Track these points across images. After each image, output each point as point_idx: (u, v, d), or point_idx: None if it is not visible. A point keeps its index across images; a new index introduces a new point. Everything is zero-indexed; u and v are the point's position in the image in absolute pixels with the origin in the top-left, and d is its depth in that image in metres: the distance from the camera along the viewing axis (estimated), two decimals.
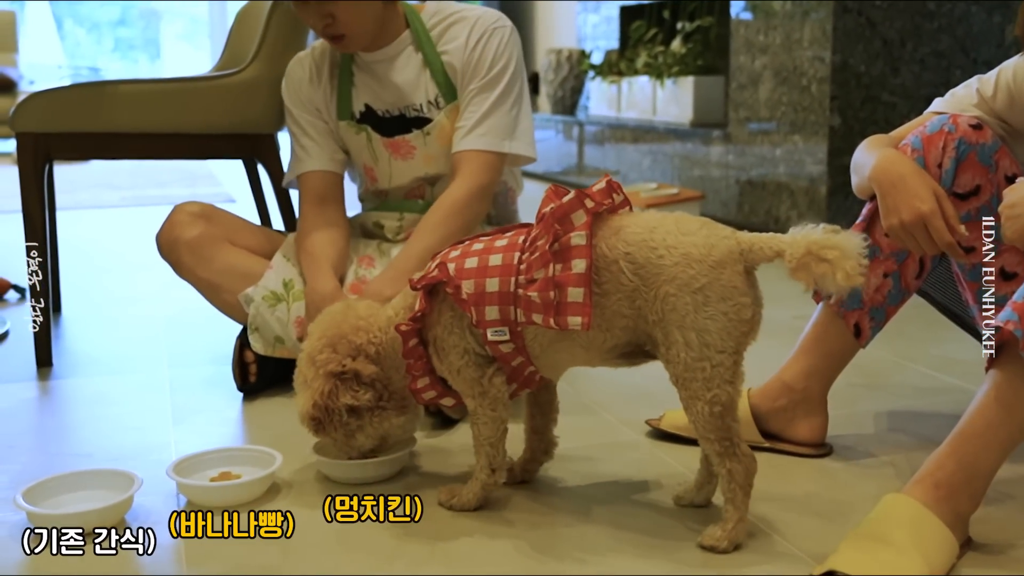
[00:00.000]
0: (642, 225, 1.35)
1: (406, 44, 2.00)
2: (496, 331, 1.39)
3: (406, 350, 1.45)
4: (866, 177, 1.56)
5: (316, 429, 1.49)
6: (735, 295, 1.31)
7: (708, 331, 1.30)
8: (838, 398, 1.74)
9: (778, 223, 3.62)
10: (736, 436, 1.34)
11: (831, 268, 1.26)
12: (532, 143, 2.02)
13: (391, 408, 1.51)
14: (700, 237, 1.32)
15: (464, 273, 1.40)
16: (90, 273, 3.28)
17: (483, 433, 1.46)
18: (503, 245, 1.42)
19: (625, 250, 1.33)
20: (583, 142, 5.28)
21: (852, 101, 3.35)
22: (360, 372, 1.46)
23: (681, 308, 1.30)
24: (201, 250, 1.99)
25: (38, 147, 2.21)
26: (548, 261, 1.34)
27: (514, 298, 1.37)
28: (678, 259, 1.31)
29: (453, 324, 1.43)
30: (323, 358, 1.47)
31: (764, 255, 1.32)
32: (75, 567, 1.33)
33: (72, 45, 11.39)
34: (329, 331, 1.49)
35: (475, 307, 1.39)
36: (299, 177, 2.04)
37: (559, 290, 1.33)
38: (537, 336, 1.40)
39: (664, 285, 1.31)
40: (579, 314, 1.32)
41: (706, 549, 1.35)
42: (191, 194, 4.84)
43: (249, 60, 2.24)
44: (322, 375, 1.46)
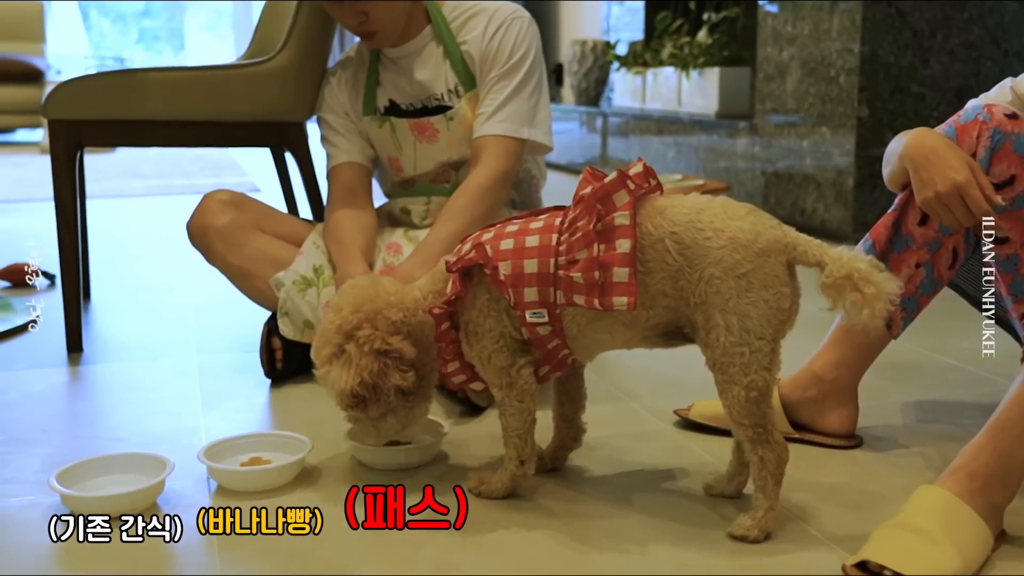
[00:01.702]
0: (688, 206, 1.35)
1: (428, 38, 2.05)
2: (535, 313, 1.38)
3: (439, 333, 1.44)
4: (898, 156, 1.55)
5: (355, 406, 1.44)
6: (777, 284, 1.31)
7: (749, 316, 1.30)
8: (867, 390, 1.73)
9: (804, 215, 3.60)
10: (770, 423, 1.34)
11: (863, 301, 1.26)
12: (550, 132, 2.06)
13: (420, 393, 1.49)
14: (747, 223, 1.32)
15: (500, 255, 1.39)
16: (118, 260, 3.31)
17: (511, 425, 1.45)
18: (539, 227, 1.41)
19: (672, 229, 1.33)
20: (607, 133, 5.27)
21: (880, 92, 3.32)
22: (404, 352, 1.43)
23: (725, 292, 1.30)
24: (232, 237, 2.00)
25: (70, 134, 2.22)
26: (592, 241, 1.33)
27: (554, 279, 1.37)
28: (725, 242, 1.30)
29: (489, 307, 1.41)
30: (366, 334, 1.41)
31: (805, 259, 1.32)
32: (103, 553, 1.33)
33: (97, 36, 11.47)
34: (364, 305, 1.44)
35: (513, 288, 1.38)
36: (330, 172, 2.08)
37: (603, 270, 1.32)
38: (575, 317, 1.39)
39: (709, 267, 1.30)
40: (624, 294, 1.32)
41: (736, 539, 1.34)
42: (216, 183, 4.86)
43: (278, 48, 2.24)
44: (369, 352, 1.41)
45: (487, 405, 1.86)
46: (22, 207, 4.47)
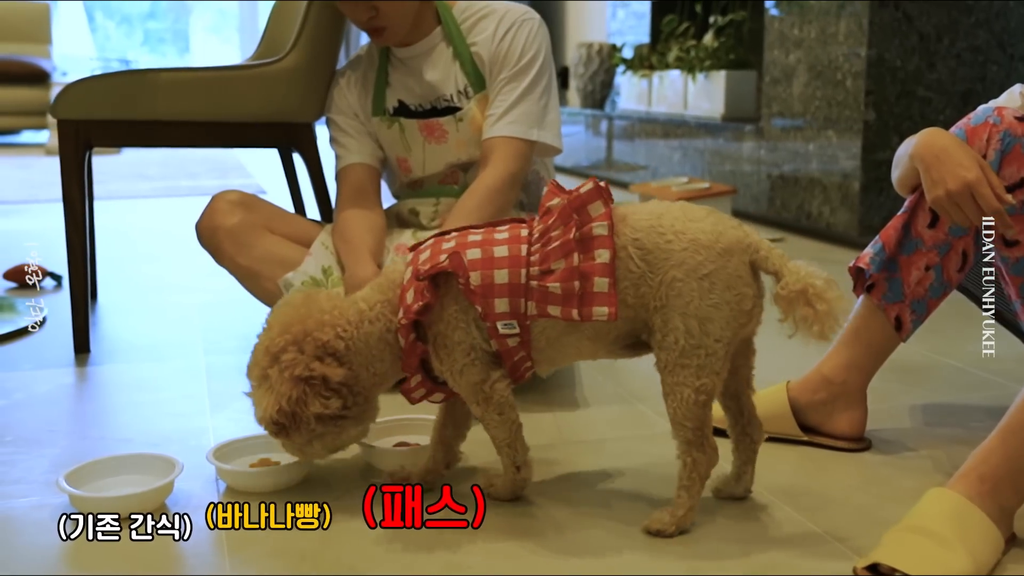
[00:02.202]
0: (648, 212, 1.35)
1: (438, 39, 2.05)
2: (506, 324, 1.36)
3: (407, 346, 1.39)
4: (907, 156, 1.55)
5: (278, 434, 1.41)
6: (739, 284, 1.31)
7: (710, 319, 1.30)
8: (875, 393, 1.73)
9: (810, 219, 3.60)
10: (708, 427, 1.34)
11: (814, 317, 1.28)
12: (559, 135, 2.06)
13: (351, 417, 1.42)
14: (708, 224, 1.32)
15: (469, 264, 1.36)
16: (125, 261, 3.31)
17: (498, 436, 1.43)
18: (505, 237, 1.38)
19: (633, 236, 1.33)
20: (612, 136, 5.27)
21: (887, 96, 3.32)
22: (328, 377, 1.37)
23: (687, 294, 1.30)
24: (241, 238, 2.01)
25: (79, 134, 2.22)
26: (571, 250, 1.32)
27: (525, 290, 1.34)
28: (686, 244, 1.30)
29: (458, 319, 1.37)
30: (289, 359, 1.37)
31: (765, 265, 1.33)
32: (113, 553, 1.33)
33: (102, 38, 11.50)
34: (293, 326, 1.39)
35: (483, 299, 1.35)
36: (339, 172, 2.08)
37: (583, 280, 1.31)
38: (545, 329, 1.37)
39: (671, 270, 1.30)
40: (605, 304, 1.31)
41: (652, 534, 1.35)
42: (222, 184, 4.87)
43: (288, 49, 2.24)
44: (288, 379, 1.36)
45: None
46: (28, 208, 4.48)
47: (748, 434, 1.46)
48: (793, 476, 1.59)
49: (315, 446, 1.44)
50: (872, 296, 1.67)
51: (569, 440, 1.75)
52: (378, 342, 1.41)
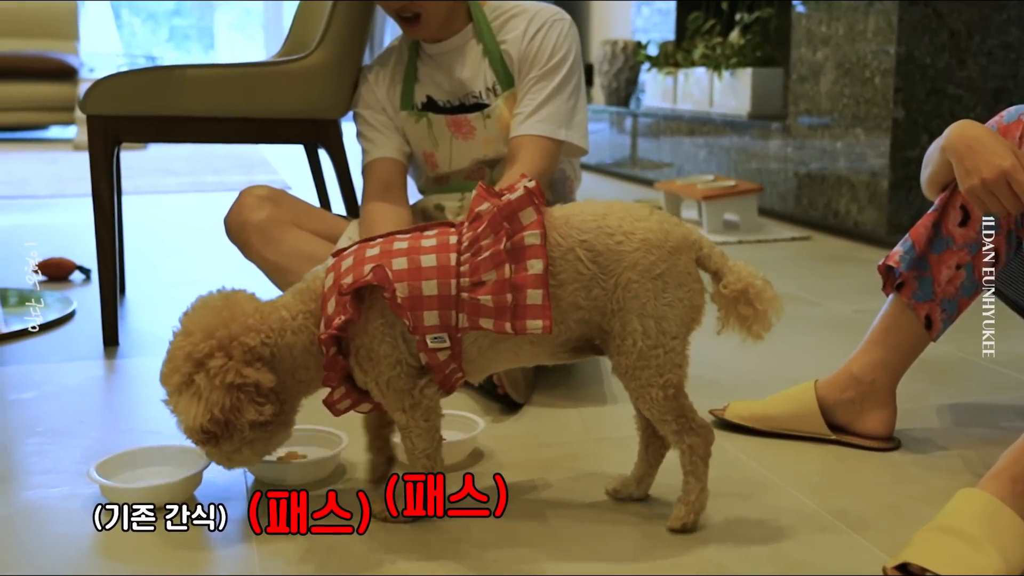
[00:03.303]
0: (591, 212, 1.32)
1: (469, 36, 2.06)
2: (436, 338, 1.30)
3: (328, 360, 1.33)
4: (939, 149, 1.54)
5: (207, 441, 1.34)
6: (690, 281, 1.31)
7: (666, 318, 1.29)
8: (904, 393, 1.71)
9: (837, 217, 3.57)
10: (690, 411, 1.34)
11: (753, 316, 1.30)
12: (586, 136, 2.06)
13: (279, 422, 1.38)
14: (654, 223, 1.31)
15: (395, 275, 1.30)
16: (152, 256, 3.33)
17: (418, 446, 1.37)
18: (432, 245, 1.33)
19: (581, 237, 1.29)
20: (636, 134, 5.26)
21: (917, 94, 3.29)
22: (261, 383, 1.32)
23: (643, 295, 1.28)
24: (268, 232, 2.02)
25: (108, 130, 2.24)
26: (502, 261, 1.28)
27: (456, 302, 1.30)
28: (638, 245, 1.29)
29: (384, 333, 1.32)
30: (218, 365, 1.31)
31: (707, 263, 1.33)
32: (141, 542, 1.34)
33: (128, 35, 11.58)
34: (217, 330, 1.32)
35: (412, 312, 1.29)
36: (366, 167, 2.08)
37: (516, 292, 1.27)
38: (477, 339, 1.33)
39: (626, 272, 1.28)
40: (539, 317, 1.27)
41: (677, 532, 1.34)
42: (247, 180, 4.90)
43: (314, 46, 2.25)
44: (220, 386, 1.30)
45: (524, 402, 1.86)
46: (57, 203, 4.51)
47: (659, 437, 1.42)
48: (821, 475, 1.58)
49: (245, 453, 1.38)
50: (902, 295, 1.66)
51: (595, 437, 1.75)
52: (302, 353, 1.35)
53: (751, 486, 1.53)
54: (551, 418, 1.76)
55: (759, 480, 1.55)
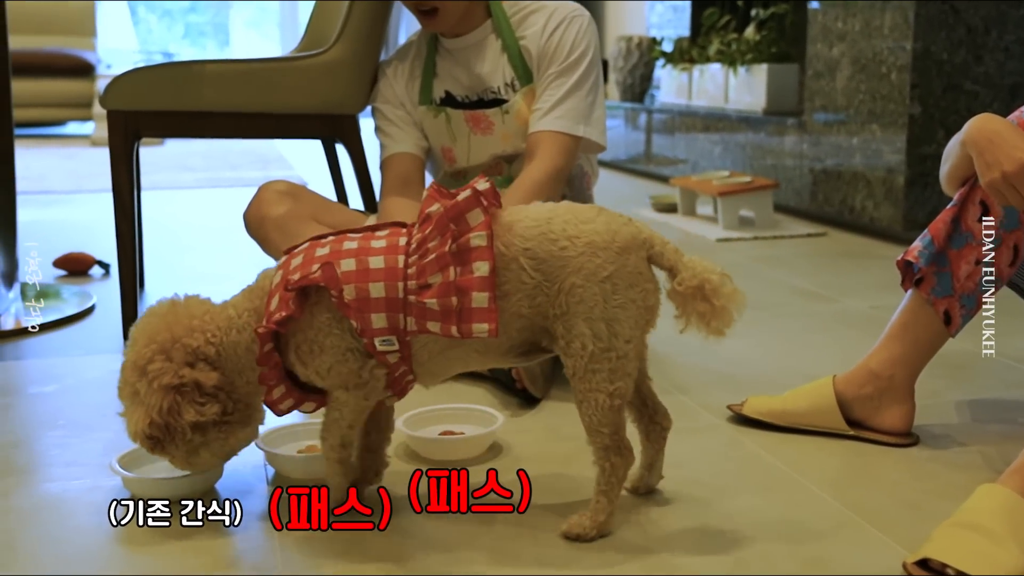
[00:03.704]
0: (535, 217, 1.29)
1: (488, 32, 2.07)
2: (384, 340, 1.29)
3: (262, 355, 1.32)
4: (959, 143, 1.53)
5: (153, 449, 1.34)
6: (641, 281, 1.28)
7: (618, 320, 1.26)
8: (922, 388, 1.71)
9: (853, 213, 3.57)
10: (622, 430, 1.31)
11: (711, 313, 1.26)
12: (604, 132, 2.07)
13: (236, 421, 1.37)
14: (600, 224, 1.28)
15: (343, 276, 1.28)
16: (170, 251, 3.35)
17: (345, 417, 1.35)
18: (381, 246, 1.30)
19: (524, 245, 1.27)
20: (651, 130, 5.25)
21: (933, 90, 3.28)
22: (201, 382, 1.32)
23: (589, 299, 1.25)
24: (288, 227, 2.02)
25: (128, 125, 2.25)
26: (447, 264, 1.25)
27: (404, 305, 1.28)
28: (582, 248, 1.26)
29: (331, 326, 1.30)
30: (156, 368, 1.30)
31: (659, 260, 1.30)
32: (169, 535, 1.36)
33: (144, 31, 11.61)
34: (159, 335, 1.32)
35: (359, 314, 1.27)
36: (384, 162, 2.09)
37: (461, 295, 1.25)
38: (427, 344, 1.31)
39: (570, 277, 1.25)
40: (485, 320, 1.25)
41: (572, 539, 1.31)
42: (264, 176, 4.90)
43: (332, 41, 2.26)
44: (158, 389, 1.30)
45: (542, 396, 1.87)
46: (75, 198, 4.54)
47: (657, 422, 1.43)
48: (840, 470, 1.58)
49: (203, 455, 1.37)
50: (920, 290, 1.65)
51: None
52: (246, 352, 1.34)
53: (769, 481, 1.53)
54: (569, 412, 1.75)
55: (777, 475, 1.55)
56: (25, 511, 1.45)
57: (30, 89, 6.65)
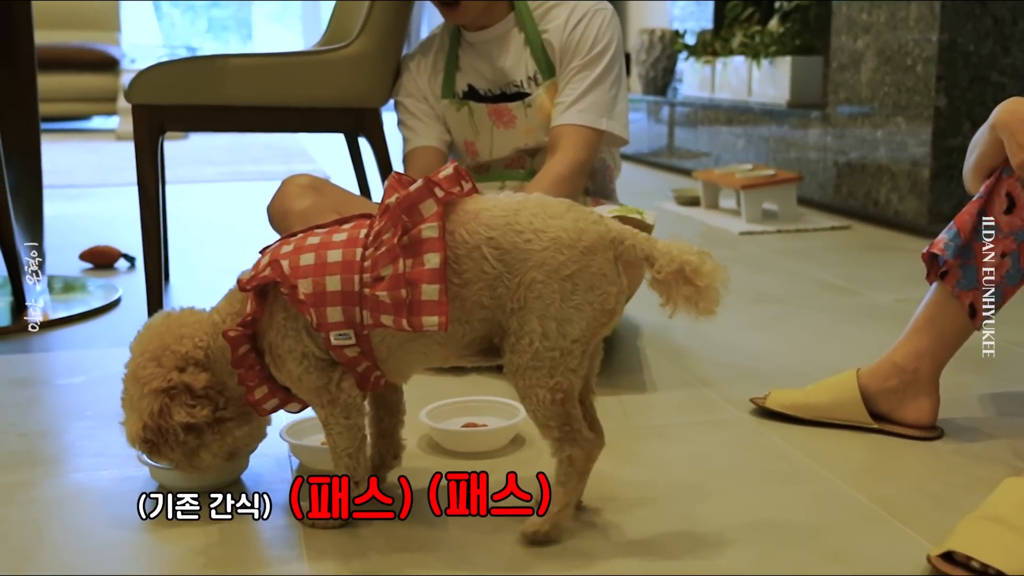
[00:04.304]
0: (503, 208, 1.26)
1: (511, 25, 2.07)
2: (340, 335, 1.27)
3: (235, 358, 1.32)
4: (988, 127, 1.52)
5: (152, 452, 1.36)
6: (604, 283, 1.24)
7: (570, 321, 1.23)
8: (947, 382, 1.70)
9: (877, 206, 3.54)
10: (577, 421, 1.27)
11: (696, 295, 1.22)
12: (627, 125, 2.07)
13: (232, 419, 1.39)
14: (568, 221, 1.24)
15: (300, 271, 1.28)
16: (194, 244, 3.38)
17: (339, 444, 1.34)
18: (342, 240, 1.30)
19: (488, 235, 1.24)
20: (674, 123, 5.23)
21: (959, 81, 3.25)
22: (191, 385, 1.34)
23: (547, 296, 1.22)
24: (311, 221, 2.00)
25: (152, 119, 2.27)
26: (397, 256, 1.23)
27: (359, 298, 1.26)
28: (547, 244, 1.22)
29: (287, 326, 1.30)
30: (147, 374, 1.33)
31: (632, 254, 1.25)
32: (195, 524, 1.37)
33: (168, 26, 11.68)
34: (150, 344, 1.36)
35: (315, 309, 1.26)
36: (407, 155, 2.10)
37: (411, 288, 1.23)
38: (385, 338, 1.29)
39: (531, 271, 1.22)
40: (435, 313, 1.22)
41: (528, 541, 1.29)
42: (287, 169, 4.93)
43: (355, 35, 2.27)
44: (148, 393, 1.33)
45: None
46: (100, 192, 4.58)
47: None
48: (864, 463, 1.58)
49: (203, 456, 1.38)
50: (946, 283, 1.64)
51: (635, 424, 1.75)
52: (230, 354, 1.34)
53: (793, 475, 1.53)
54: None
55: (801, 468, 1.54)
56: (52, 501, 1.46)
57: (55, 84, 6.71)
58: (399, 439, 1.47)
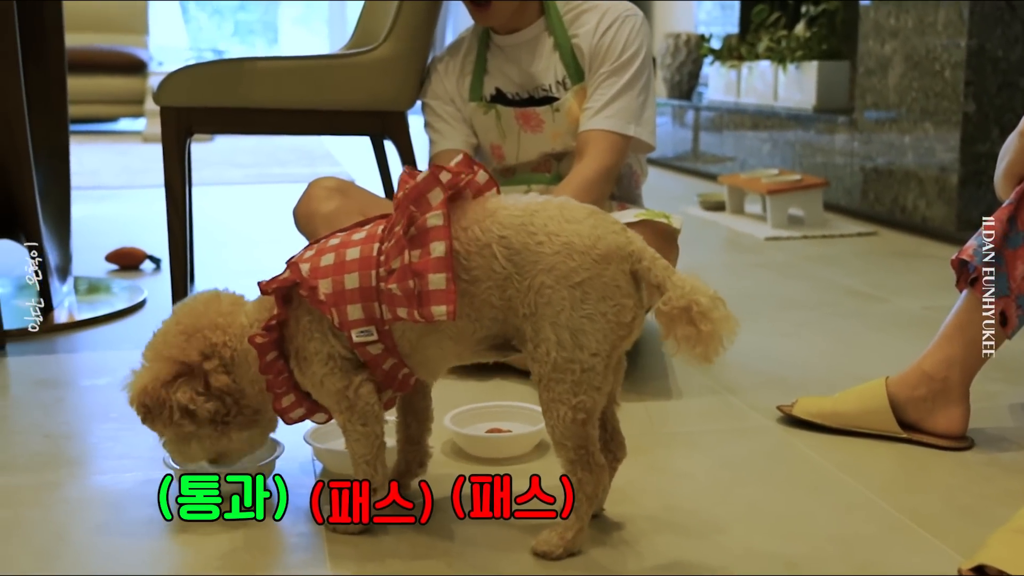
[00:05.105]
0: (521, 208, 1.23)
1: (541, 29, 2.07)
2: (362, 331, 1.27)
3: (263, 365, 1.31)
4: (1018, 135, 1.50)
5: (144, 418, 1.36)
6: (617, 295, 1.20)
7: (583, 331, 1.19)
8: (977, 391, 1.68)
9: (904, 212, 3.51)
10: (592, 444, 1.24)
11: (697, 338, 1.16)
12: (654, 132, 2.06)
13: (234, 424, 1.37)
14: (586, 227, 1.21)
15: (320, 272, 1.27)
16: (219, 246, 3.39)
17: (357, 451, 1.33)
18: (361, 238, 1.29)
19: (500, 233, 1.22)
20: (699, 127, 5.21)
21: (988, 87, 3.22)
22: (208, 379, 1.33)
23: (556, 302, 1.19)
24: (337, 223, 2.01)
25: (180, 121, 2.28)
26: (404, 247, 1.22)
27: (377, 293, 1.25)
28: (559, 248, 1.19)
29: (312, 328, 1.29)
30: (173, 343, 1.34)
31: (647, 276, 1.21)
32: (217, 528, 1.37)
33: (195, 29, 11.76)
34: (188, 318, 1.36)
35: (335, 308, 1.26)
36: (433, 158, 2.10)
37: (418, 278, 1.21)
38: (405, 332, 1.27)
39: (540, 275, 1.20)
40: (443, 302, 1.20)
41: (539, 556, 1.27)
42: (311, 172, 4.95)
43: (382, 39, 2.27)
44: (163, 359, 1.33)
45: None
46: (126, 193, 4.61)
47: (611, 451, 1.34)
48: (893, 474, 1.56)
49: (192, 446, 1.37)
50: (976, 290, 1.62)
51: (660, 431, 1.74)
52: (255, 361, 1.33)
53: (820, 484, 1.51)
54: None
55: (829, 478, 1.53)
56: (76, 502, 1.47)
57: (84, 86, 6.76)
58: (426, 446, 1.46)
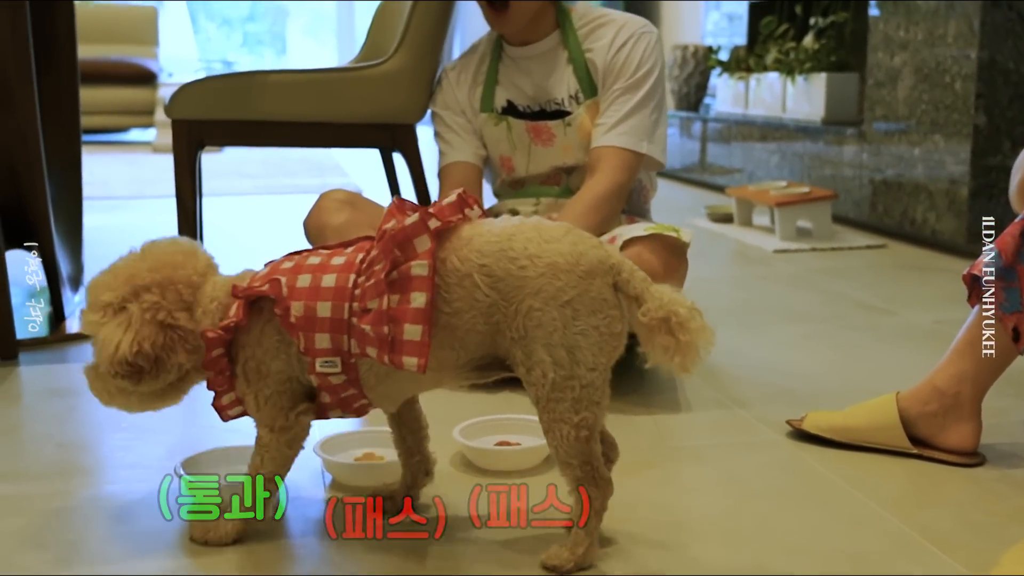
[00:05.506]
0: (497, 234, 1.23)
1: (555, 42, 2.08)
2: (326, 362, 1.26)
3: (209, 359, 1.29)
4: None
5: (129, 376, 1.29)
6: (605, 307, 1.21)
7: (579, 347, 1.19)
8: (988, 407, 1.67)
9: (914, 225, 3.51)
10: (597, 460, 1.24)
11: (675, 348, 1.18)
12: (665, 150, 2.07)
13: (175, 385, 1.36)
14: (566, 244, 1.21)
15: (296, 293, 1.26)
16: (228, 256, 3.37)
17: (267, 467, 1.32)
18: (340, 264, 1.28)
19: (480, 262, 1.21)
20: (706, 139, 5.22)
21: (999, 99, 3.22)
22: (186, 333, 1.29)
23: (548, 324, 1.19)
24: (347, 235, 2.02)
25: (191, 133, 2.29)
26: (383, 291, 1.21)
27: (348, 326, 1.24)
28: (543, 269, 1.19)
29: (279, 349, 1.28)
30: (152, 300, 1.29)
31: (627, 287, 1.22)
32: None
33: (204, 40, 11.81)
34: (164, 267, 1.31)
35: (304, 333, 1.25)
36: (442, 170, 2.10)
37: (394, 325, 1.20)
38: (373, 367, 1.27)
39: (528, 299, 1.19)
40: (415, 354, 1.19)
41: (548, 569, 1.26)
42: (321, 184, 4.97)
43: (392, 51, 2.28)
44: (151, 322, 1.28)
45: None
46: (137, 204, 4.63)
47: (604, 453, 1.32)
48: (903, 490, 1.55)
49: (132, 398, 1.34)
50: (984, 308, 1.62)
51: (669, 445, 1.73)
52: (193, 335, 1.31)
53: (830, 499, 1.51)
54: (625, 425, 1.75)
55: (839, 493, 1.52)
56: (88, 512, 1.47)
57: (95, 97, 6.79)
58: (428, 454, 1.45)
